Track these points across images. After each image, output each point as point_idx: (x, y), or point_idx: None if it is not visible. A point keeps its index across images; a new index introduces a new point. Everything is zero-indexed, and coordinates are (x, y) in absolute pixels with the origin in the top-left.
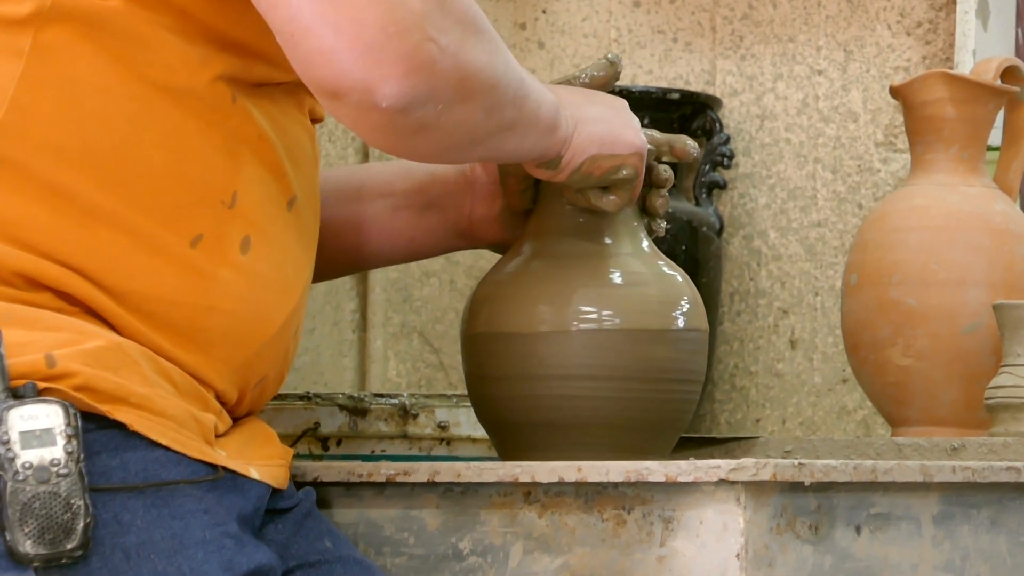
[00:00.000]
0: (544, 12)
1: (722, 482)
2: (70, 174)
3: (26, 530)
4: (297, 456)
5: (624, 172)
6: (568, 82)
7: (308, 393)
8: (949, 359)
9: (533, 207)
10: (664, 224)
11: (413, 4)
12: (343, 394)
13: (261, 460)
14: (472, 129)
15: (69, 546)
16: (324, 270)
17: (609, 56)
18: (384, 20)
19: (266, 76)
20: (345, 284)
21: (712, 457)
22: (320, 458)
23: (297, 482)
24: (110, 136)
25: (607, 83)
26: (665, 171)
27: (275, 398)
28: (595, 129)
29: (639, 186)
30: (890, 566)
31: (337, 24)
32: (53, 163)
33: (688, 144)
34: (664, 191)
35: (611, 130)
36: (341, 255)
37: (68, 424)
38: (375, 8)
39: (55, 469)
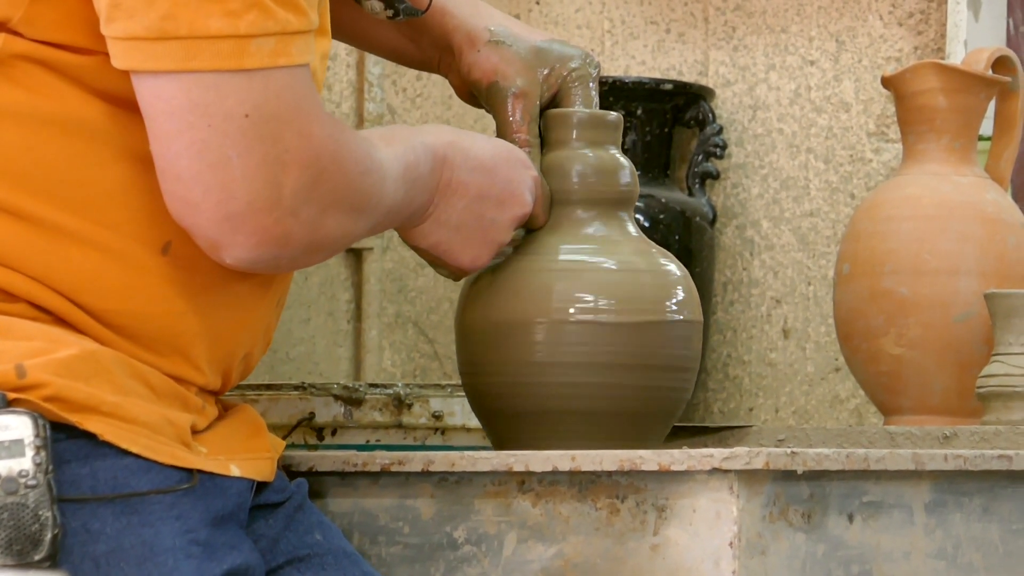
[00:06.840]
0: (538, 3)
1: (715, 471)
2: (33, 201)
3: None
4: (292, 446)
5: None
6: None
7: (303, 383)
8: (941, 348)
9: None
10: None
11: (287, 181)
12: (338, 384)
13: (246, 454)
14: (324, 256)
15: (37, 557)
16: None
17: None
18: (252, 196)
19: None
20: (340, 275)
21: (705, 446)
22: (315, 448)
23: (291, 472)
24: (67, 158)
25: None
26: None
27: (270, 388)
28: (437, 235)
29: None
30: (882, 554)
31: (207, 187)
32: (14, 191)
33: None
34: None
35: (450, 248)
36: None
37: (37, 435)
38: (248, 184)
39: (23, 480)
